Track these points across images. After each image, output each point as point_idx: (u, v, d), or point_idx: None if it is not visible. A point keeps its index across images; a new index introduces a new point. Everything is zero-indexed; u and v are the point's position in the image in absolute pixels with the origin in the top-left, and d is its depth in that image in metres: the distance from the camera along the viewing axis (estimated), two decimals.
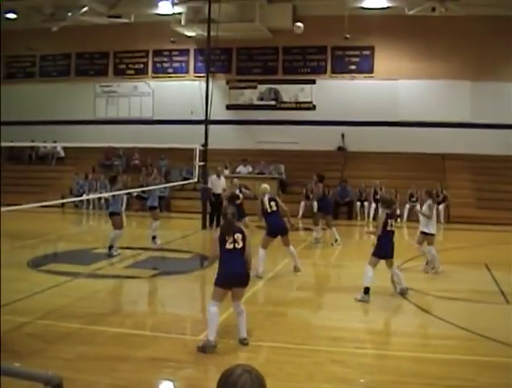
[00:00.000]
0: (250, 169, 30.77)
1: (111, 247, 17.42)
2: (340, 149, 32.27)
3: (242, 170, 30.73)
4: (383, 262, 12.88)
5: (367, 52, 32.11)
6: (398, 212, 26.25)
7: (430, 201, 15.56)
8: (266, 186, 16.35)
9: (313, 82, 32.97)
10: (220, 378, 3.13)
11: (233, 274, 9.79)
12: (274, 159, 30.82)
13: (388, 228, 12.85)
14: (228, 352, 9.33)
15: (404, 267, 15.64)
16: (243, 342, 9.68)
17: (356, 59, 32.37)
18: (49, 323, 10.97)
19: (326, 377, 8.45)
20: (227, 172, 30.18)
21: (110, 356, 9.24)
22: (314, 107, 32.94)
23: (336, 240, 20.15)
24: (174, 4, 30.85)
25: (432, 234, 15.48)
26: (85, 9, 31.71)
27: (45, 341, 10.03)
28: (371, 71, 32.07)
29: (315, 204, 22.02)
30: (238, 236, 9.95)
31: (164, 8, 31.36)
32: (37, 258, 17.19)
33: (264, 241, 15.34)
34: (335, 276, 16.60)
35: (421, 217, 15.83)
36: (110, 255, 17.22)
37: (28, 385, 4.20)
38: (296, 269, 15.30)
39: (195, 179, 23.16)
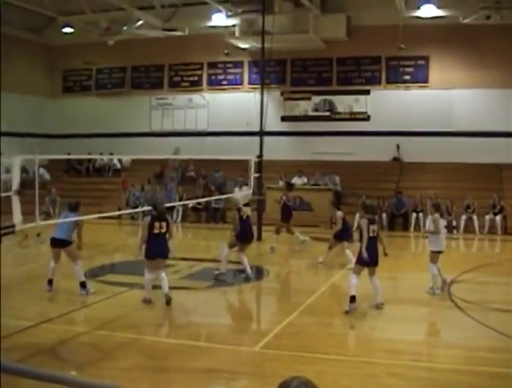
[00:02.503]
0: (305, 180, 30.70)
1: None
2: (395, 159, 32.03)
3: (297, 181, 30.66)
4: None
5: (421, 62, 31.82)
6: (454, 223, 26.00)
7: (436, 215, 14.37)
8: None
9: (368, 92, 32.81)
10: None
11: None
12: (329, 170, 30.70)
13: (371, 234, 12.57)
14: (282, 364, 9.34)
15: (461, 279, 15.46)
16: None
17: (411, 69, 32.10)
18: (106, 333, 11.11)
19: None
20: (282, 183, 30.20)
21: (165, 367, 9.33)
22: (369, 118, 32.76)
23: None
24: (228, 16, 31.02)
25: (437, 252, 14.28)
26: (140, 22, 32.06)
27: (102, 351, 10.17)
28: (425, 81, 31.76)
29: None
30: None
31: (218, 20, 31.55)
32: (94, 268, 17.42)
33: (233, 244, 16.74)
34: (391, 287, 16.45)
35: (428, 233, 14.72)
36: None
37: None
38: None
39: (251, 191, 23.21)
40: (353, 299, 12.41)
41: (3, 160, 11.86)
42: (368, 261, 12.58)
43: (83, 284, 14.22)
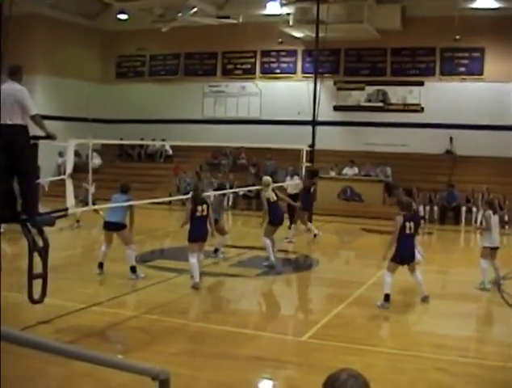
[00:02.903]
0: (357, 171, 30.59)
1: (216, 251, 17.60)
2: (448, 152, 31.67)
3: (349, 171, 30.60)
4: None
5: (476, 54, 31.37)
6: (506, 218, 25.63)
7: (488, 212, 14.35)
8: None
9: (422, 83, 32.47)
10: (325, 382, 3.10)
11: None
12: (380, 161, 30.53)
13: (407, 231, 12.40)
14: (329, 355, 9.34)
15: None
16: None
17: (466, 61, 31.67)
18: (155, 318, 11.23)
19: (429, 385, 8.36)
20: (333, 173, 30.15)
21: (213, 353, 9.39)
22: (422, 110, 32.43)
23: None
24: (282, 5, 30.96)
25: (490, 248, 14.12)
26: (194, 10, 32.15)
27: (151, 335, 10.28)
28: (481, 73, 31.30)
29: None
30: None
31: (272, 9, 31.49)
32: (145, 253, 17.58)
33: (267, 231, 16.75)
34: (440, 282, 16.33)
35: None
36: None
37: (136, 378, 4.32)
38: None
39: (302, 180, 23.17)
40: (387, 298, 12.25)
41: (58, 143, 11.97)
42: (404, 258, 12.48)
43: (133, 269, 14.37)
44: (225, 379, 8.42)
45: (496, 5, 28.60)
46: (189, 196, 14.73)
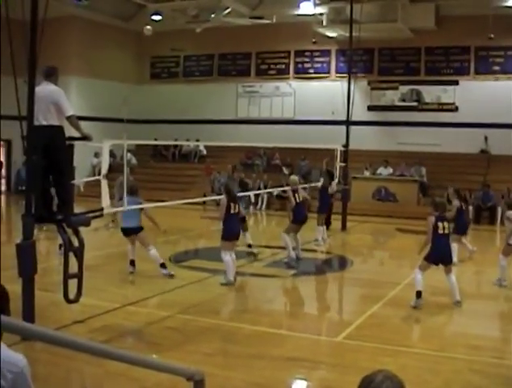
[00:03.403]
0: (391, 170, 30.47)
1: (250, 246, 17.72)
2: (483, 151, 31.40)
3: (383, 171, 30.50)
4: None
5: (511, 53, 31.10)
6: None
7: (508, 212, 14.82)
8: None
9: (456, 82, 32.24)
10: (360, 384, 3.10)
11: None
12: (415, 161, 30.37)
13: (440, 231, 12.28)
14: (364, 355, 9.31)
15: None
16: None
17: (500, 59, 31.35)
18: (189, 318, 11.27)
19: (463, 387, 8.30)
20: (367, 173, 30.06)
21: (247, 353, 9.40)
22: (457, 109, 32.20)
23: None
24: (315, 5, 30.90)
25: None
26: (228, 10, 32.24)
27: (185, 335, 10.32)
28: None
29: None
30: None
31: (305, 9, 31.41)
32: (179, 253, 17.66)
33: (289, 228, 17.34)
34: (475, 282, 16.22)
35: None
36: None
37: (170, 378, 4.34)
38: None
39: (336, 180, 23.13)
40: (419, 295, 12.20)
41: (94, 144, 12.04)
42: (437, 259, 12.40)
43: (163, 265, 14.47)
44: (259, 379, 8.42)
45: None
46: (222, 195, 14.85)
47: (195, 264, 16.50)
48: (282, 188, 22.84)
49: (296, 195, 17.32)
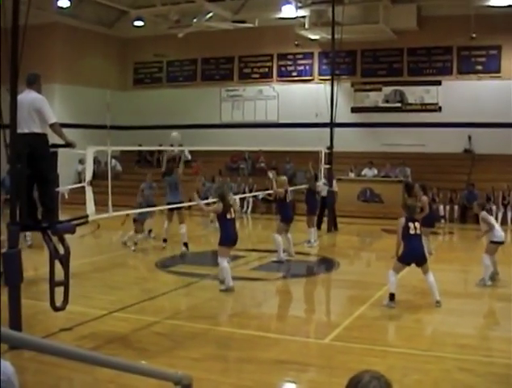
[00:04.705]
0: (376, 172, 30.55)
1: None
2: (466, 151, 31.52)
3: (368, 173, 30.57)
4: None
5: (493, 52, 31.21)
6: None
7: (482, 213, 14.74)
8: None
9: (439, 83, 32.36)
10: (348, 384, 3.11)
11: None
12: (399, 162, 30.46)
13: (411, 232, 12.37)
14: (352, 357, 9.32)
15: None
16: None
17: (483, 59, 31.50)
18: (178, 323, 11.26)
19: (453, 386, 8.31)
20: (352, 175, 30.11)
21: (236, 357, 9.41)
22: (440, 109, 32.33)
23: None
24: (297, 8, 30.95)
25: (495, 243, 14.43)
26: (210, 15, 32.24)
27: (174, 340, 10.30)
28: (498, 71, 31.13)
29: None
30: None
31: (287, 12, 31.44)
32: (165, 259, 17.61)
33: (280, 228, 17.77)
34: (461, 281, 16.26)
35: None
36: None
37: (159, 384, 4.34)
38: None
39: (321, 181, 23.16)
40: (392, 297, 12.28)
41: (78, 151, 12.03)
42: (410, 259, 12.46)
43: (186, 245, 16.39)
44: (248, 383, 8.42)
45: None
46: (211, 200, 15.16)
47: (182, 269, 16.46)
48: (267, 192, 22.81)
49: (287, 194, 17.92)
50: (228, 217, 13.93)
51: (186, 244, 15.53)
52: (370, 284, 14.67)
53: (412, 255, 12.43)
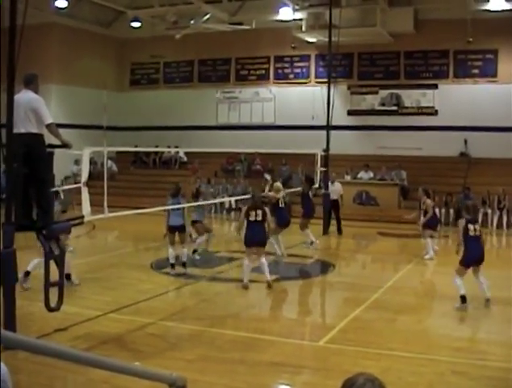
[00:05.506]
0: (372, 175, 30.56)
1: (194, 251, 17.86)
2: (463, 154, 31.55)
3: (363, 175, 30.57)
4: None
5: (490, 56, 31.24)
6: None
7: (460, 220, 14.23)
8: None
9: (435, 86, 32.39)
10: (342, 387, 3.11)
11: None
12: (395, 165, 30.47)
13: (471, 234, 12.41)
14: (347, 359, 9.32)
15: None
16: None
17: (479, 63, 31.53)
18: (172, 325, 11.27)
19: None
20: (348, 178, 30.11)
21: (230, 359, 9.39)
22: (436, 112, 32.35)
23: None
24: (294, 10, 30.98)
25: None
26: (207, 16, 32.27)
27: (168, 342, 10.32)
28: (494, 75, 31.18)
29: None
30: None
31: (285, 14, 31.51)
32: (160, 260, 17.58)
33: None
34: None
35: None
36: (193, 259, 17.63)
37: (153, 385, 4.34)
38: None
39: (317, 185, 23.17)
40: (464, 299, 12.31)
41: (74, 152, 12.01)
42: (471, 261, 12.49)
43: (184, 264, 15.76)
44: (242, 385, 8.42)
45: (508, 6, 28.41)
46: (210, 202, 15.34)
47: (177, 271, 16.44)
48: (263, 194, 22.75)
49: (279, 200, 18.30)
50: (251, 219, 14.30)
51: (184, 264, 15.47)
52: (365, 287, 14.68)
53: (473, 257, 12.50)
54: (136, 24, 34.14)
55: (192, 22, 32.42)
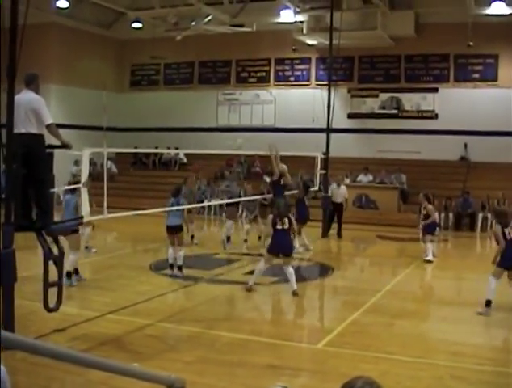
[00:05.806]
0: (371, 178, 30.55)
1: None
2: (462, 159, 31.57)
3: (363, 178, 30.56)
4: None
5: (490, 60, 31.27)
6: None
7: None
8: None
9: (436, 90, 32.42)
10: None
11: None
12: (395, 168, 30.47)
13: (508, 237, 12.44)
14: (345, 362, 9.31)
15: None
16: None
17: (479, 67, 31.56)
18: (170, 326, 11.26)
19: None
20: (347, 181, 30.09)
21: (228, 361, 9.38)
22: (436, 116, 32.38)
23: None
24: (295, 13, 31.00)
25: None
26: (208, 18, 32.29)
27: (166, 343, 10.31)
28: (494, 79, 31.21)
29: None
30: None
31: (286, 17, 31.53)
32: (159, 261, 17.57)
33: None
34: (455, 288, 16.27)
35: None
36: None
37: (151, 386, 4.32)
38: None
39: (316, 188, 23.16)
40: (489, 303, 12.28)
41: (74, 152, 12.01)
42: (510, 263, 12.43)
43: (180, 268, 15.55)
44: (240, 387, 8.41)
45: (509, 11, 28.44)
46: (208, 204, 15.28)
47: (175, 272, 16.44)
48: (262, 196, 22.75)
49: (282, 178, 19.54)
50: (278, 227, 14.16)
51: (180, 267, 15.41)
52: (364, 290, 14.67)
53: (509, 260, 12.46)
54: (136, 25, 34.20)
55: (193, 23, 32.44)
